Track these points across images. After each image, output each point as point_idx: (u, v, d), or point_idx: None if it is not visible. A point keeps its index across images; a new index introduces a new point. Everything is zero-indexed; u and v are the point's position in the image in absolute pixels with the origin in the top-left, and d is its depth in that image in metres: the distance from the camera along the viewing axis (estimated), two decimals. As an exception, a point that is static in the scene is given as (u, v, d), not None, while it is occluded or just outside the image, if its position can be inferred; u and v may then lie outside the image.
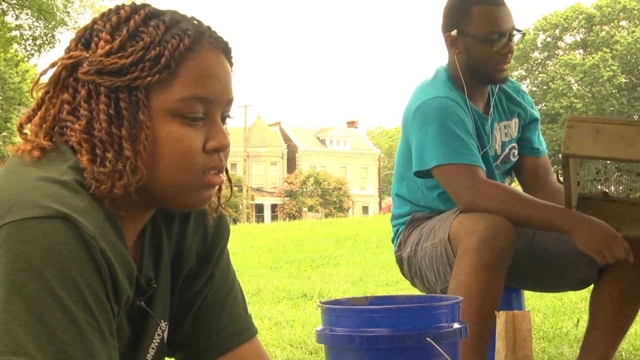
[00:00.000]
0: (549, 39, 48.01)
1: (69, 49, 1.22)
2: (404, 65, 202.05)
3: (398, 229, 2.66)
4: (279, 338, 3.76)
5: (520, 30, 2.52)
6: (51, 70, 1.22)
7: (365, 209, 56.88)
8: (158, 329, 1.34)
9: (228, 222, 1.45)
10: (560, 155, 2.16)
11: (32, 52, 20.90)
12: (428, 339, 1.39)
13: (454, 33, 2.52)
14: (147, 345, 1.32)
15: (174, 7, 1.27)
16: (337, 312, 1.48)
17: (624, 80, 45.32)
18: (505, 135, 2.65)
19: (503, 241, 2.22)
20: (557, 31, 47.87)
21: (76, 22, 20.03)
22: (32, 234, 1.05)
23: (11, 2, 19.43)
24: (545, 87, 46.62)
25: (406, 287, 5.38)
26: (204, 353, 1.40)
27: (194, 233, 1.38)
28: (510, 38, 2.49)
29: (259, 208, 52.38)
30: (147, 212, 1.27)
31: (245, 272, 7.83)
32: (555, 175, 2.66)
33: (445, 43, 2.57)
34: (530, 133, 2.71)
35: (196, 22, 1.24)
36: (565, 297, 4.69)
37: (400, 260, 2.62)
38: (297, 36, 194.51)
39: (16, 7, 19.58)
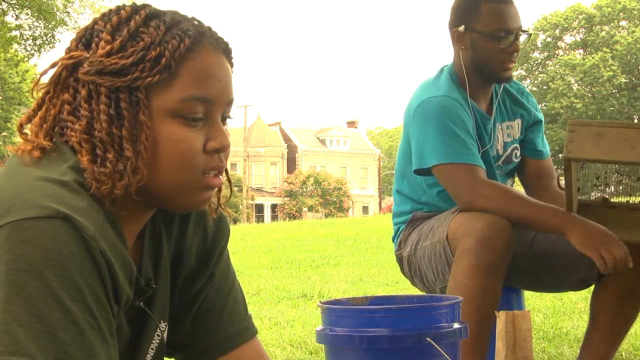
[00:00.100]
0: (549, 39, 48.00)
1: (70, 49, 1.22)
2: (404, 65, 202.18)
3: (399, 227, 2.66)
4: (279, 338, 3.76)
5: (526, 31, 2.53)
6: (52, 70, 1.22)
7: (365, 209, 56.88)
8: (157, 330, 1.34)
9: (228, 222, 1.45)
10: (562, 159, 2.16)
11: (32, 52, 20.88)
12: (428, 339, 1.39)
13: (461, 29, 2.52)
14: (146, 345, 1.32)
15: (174, 7, 1.27)
16: (337, 312, 1.48)
17: (624, 80, 45.31)
18: (508, 135, 2.65)
19: (501, 241, 2.22)
20: (557, 31, 47.87)
21: (76, 22, 20.02)
22: (32, 234, 1.05)
23: (11, 2, 19.42)
24: (545, 87, 46.61)
25: (406, 287, 5.38)
26: (204, 353, 1.40)
27: (194, 233, 1.38)
28: (517, 37, 2.50)
29: (259, 208, 52.36)
30: (147, 213, 1.27)
31: (245, 272, 7.82)
32: (556, 179, 2.66)
33: (452, 39, 2.58)
34: (534, 135, 2.71)
35: (197, 22, 1.24)
36: (565, 297, 4.69)
37: (400, 260, 2.62)
38: (297, 36, 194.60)
39: (16, 7, 19.57)
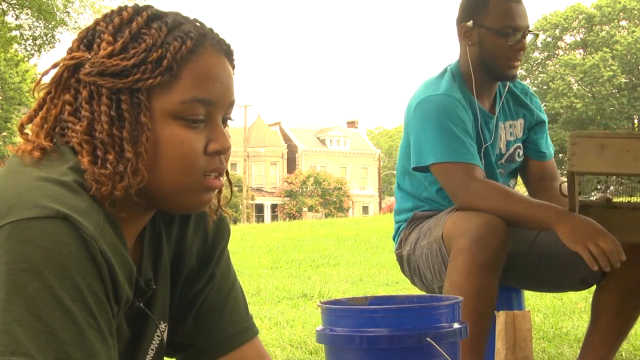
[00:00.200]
0: (549, 39, 47.97)
1: (71, 50, 1.22)
2: (404, 65, 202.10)
3: (399, 226, 2.66)
4: (279, 338, 3.76)
5: (532, 32, 2.54)
6: (53, 70, 1.22)
7: (365, 209, 56.85)
8: (157, 330, 1.34)
9: (228, 223, 1.45)
10: (567, 173, 2.16)
11: (32, 52, 20.85)
12: (428, 339, 1.39)
13: (469, 24, 2.52)
14: (146, 346, 1.32)
15: (176, 8, 1.27)
16: (337, 312, 1.47)
17: (624, 80, 45.29)
18: (510, 134, 2.65)
19: (495, 240, 2.21)
20: (557, 31, 47.84)
21: (76, 22, 19.99)
22: (32, 234, 1.05)
23: (11, 2, 19.40)
24: (545, 87, 46.57)
25: (406, 287, 5.39)
26: (205, 353, 1.40)
27: (194, 234, 1.38)
28: (524, 36, 2.51)
29: (259, 208, 52.34)
30: (147, 214, 1.27)
31: (245, 272, 7.82)
32: (559, 182, 2.65)
33: (459, 35, 2.58)
34: (537, 136, 2.71)
35: (199, 24, 1.24)
36: (565, 297, 4.69)
37: (400, 258, 2.62)
38: (297, 36, 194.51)
39: (16, 7, 19.54)
